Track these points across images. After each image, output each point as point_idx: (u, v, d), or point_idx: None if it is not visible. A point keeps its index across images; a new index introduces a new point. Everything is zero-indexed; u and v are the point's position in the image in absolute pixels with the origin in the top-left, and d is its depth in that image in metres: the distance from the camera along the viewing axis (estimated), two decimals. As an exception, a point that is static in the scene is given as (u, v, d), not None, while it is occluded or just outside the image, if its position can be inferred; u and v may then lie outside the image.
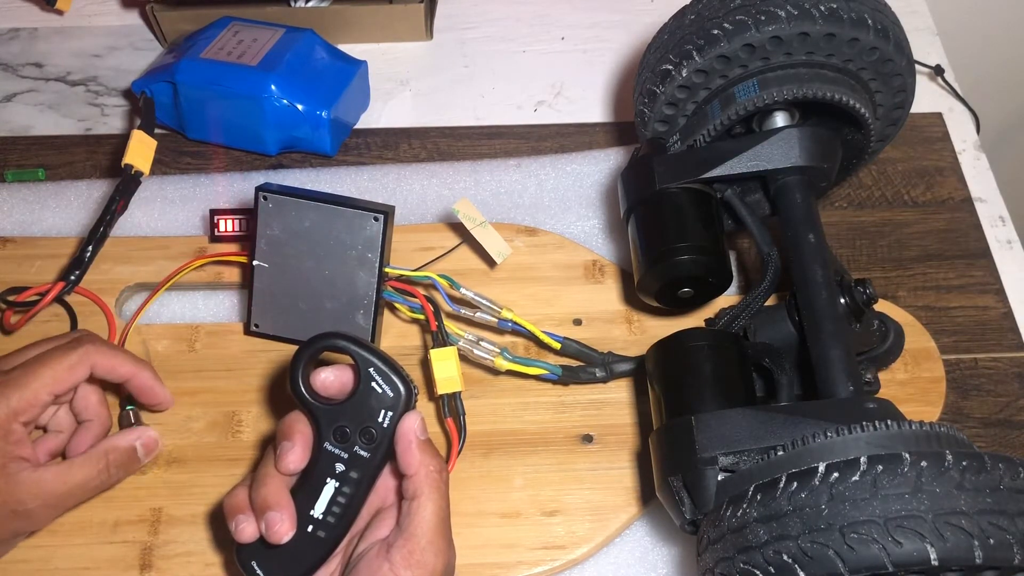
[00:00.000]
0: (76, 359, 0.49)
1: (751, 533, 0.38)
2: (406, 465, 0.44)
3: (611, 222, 0.67)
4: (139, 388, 0.53)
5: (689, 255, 0.52)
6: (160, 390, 0.54)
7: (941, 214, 0.69)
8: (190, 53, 0.69)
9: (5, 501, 0.46)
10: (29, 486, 0.46)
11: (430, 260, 0.62)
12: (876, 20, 0.51)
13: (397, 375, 0.45)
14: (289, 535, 0.44)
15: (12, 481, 0.46)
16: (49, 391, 0.48)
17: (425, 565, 0.43)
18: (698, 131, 0.55)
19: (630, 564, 0.53)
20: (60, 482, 0.48)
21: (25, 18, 0.82)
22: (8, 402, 0.46)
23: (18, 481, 0.46)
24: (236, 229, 0.62)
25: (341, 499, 0.45)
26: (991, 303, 0.64)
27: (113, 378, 0.52)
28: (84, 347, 0.49)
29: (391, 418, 0.45)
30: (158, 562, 0.52)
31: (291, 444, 0.45)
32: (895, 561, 0.34)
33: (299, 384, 0.45)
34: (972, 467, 0.36)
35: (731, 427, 0.44)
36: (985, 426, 0.59)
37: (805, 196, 0.53)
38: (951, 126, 0.74)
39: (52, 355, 0.49)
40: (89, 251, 0.59)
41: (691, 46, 0.53)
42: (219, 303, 0.63)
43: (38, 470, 0.47)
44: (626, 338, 0.60)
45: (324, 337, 0.45)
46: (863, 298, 0.51)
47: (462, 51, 0.80)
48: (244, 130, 0.69)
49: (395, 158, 0.72)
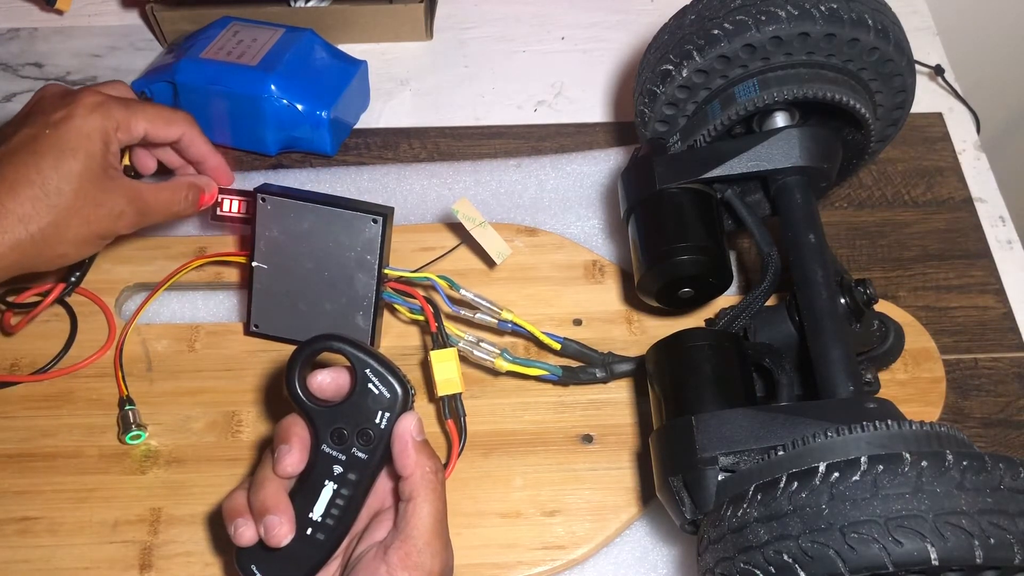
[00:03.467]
0: (176, 119, 0.55)
1: (751, 533, 0.38)
2: (402, 466, 0.44)
3: (611, 222, 0.67)
4: (212, 170, 0.59)
5: (689, 255, 0.52)
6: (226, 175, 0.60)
7: (941, 214, 0.69)
8: (190, 53, 0.69)
9: (104, 201, 0.51)
10: (127, 190, 0.52)
11: (430, 261, 0.62)
12: (876, 20, 0.51)
13: (394, 376, 0.45)
14: (288, 539, 0.44)
15: (113, 184, 0.52)
16: (143, 129, 0.53)
17: (422, 566, 0.42)
18: (698, 131, 0.55)
19: (630, 564, 0.53)
20: (151, 194, 0.54)
21: (25, 18, 0.83)
22: (113, 116, 0.51)
23: (118, 184, 0.52)
24: (240, 211, 0.59)
25: (340, 501, 0.45)
26: (991, 303, 0.64)
27: (193, 155, 0.58)
28: (185, 118, 0.56)
29: (388, 419, 0.45)
30: (158, 562, 0.52)
31: (288, 447, 0.45)
32: (895, 561, 0.34)
33: (295, 386, 0.45)
34: (972, 467, 0.36)
35: (731, 427, 0.44)
36: (985, 426, 0.59)
37: (805, 196, 0.53)
38: (951, 126, 0.74)
39: (157, 106, 0.55)
40: (89, 251, 0.59)
41: (691, 46, 0.53)
42: (219, 303, 0.63)
43: (135, 181, 0.54)
44: (626, 338, 0.60)
45: (320, 339, 0.45)
46: (863, 298, 0.51)
47: (462, 51, 0.80)
48: (244, 130, 0.69)
49: (395, 158, 0.72)
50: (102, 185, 0.51)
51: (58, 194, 0.49)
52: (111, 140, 0.52)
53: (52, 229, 0.49)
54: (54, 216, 0.49)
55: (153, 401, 0.57)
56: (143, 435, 0.56)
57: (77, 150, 0.50)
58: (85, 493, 0.54)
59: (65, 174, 0.49)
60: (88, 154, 0.50)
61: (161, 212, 0.55)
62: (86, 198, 0.50)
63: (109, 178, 0.52)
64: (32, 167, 0.49)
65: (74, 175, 0.50)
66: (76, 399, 0.58)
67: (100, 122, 0.51)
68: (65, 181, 0.49)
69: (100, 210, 0.51)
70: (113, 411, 0.57)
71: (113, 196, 0.52)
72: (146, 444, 0.56)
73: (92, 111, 0.51)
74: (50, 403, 0.57)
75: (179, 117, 0.55)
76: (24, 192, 0.48)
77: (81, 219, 0.50)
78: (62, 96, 0.52)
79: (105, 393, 0.58)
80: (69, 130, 0.50)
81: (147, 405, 0.57)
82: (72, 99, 0.51)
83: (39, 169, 0.49)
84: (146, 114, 0.53)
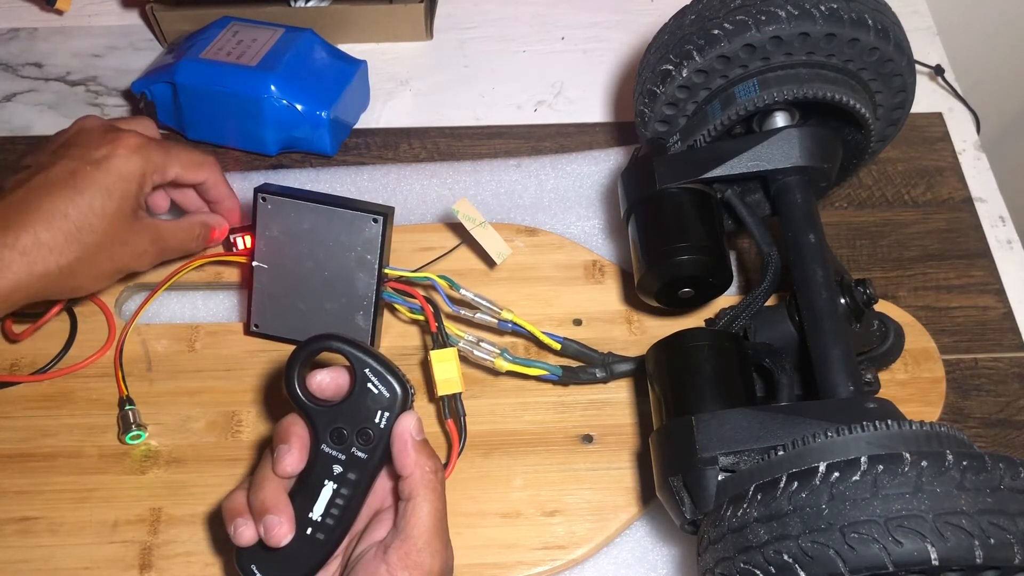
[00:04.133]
0: (205, 163, 0.57)
1: (751, 533, 0.38)
2: (402, 466, 0.44)
3: (611, 222, 0.67)
4: (227, 211, 0.60)
5: (689, 255, 0.52)
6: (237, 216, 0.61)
7: (941, 214, 0.69)
8: (190, 53, 0.68)
9: (130, 240, 0.53)
10: (151, 230, 0.54)
11: (430, 261, 0.62)
12: (876, 20, 0.51)
13: (393, 375, 0.45)
14: (288, 538, 0.44)
15: (140, 224, 0.53)
16: (176, 172, 0.55)
17: (421, 566, 0.43)
18: (698, 131, 0.55)
19: (630, 564, 0.53)
20: (170, 233, 0.56)
21: (25, 18, 0.82)
22: (152, 160, 0.53)
23: (144, 225, 0.54)
24: (251, 247, 0.58)
25: (339, 501, 0.45)
26: (991, 303, 0.64)
27: (213, 196, 0.59)
28: (211, 163, 0.57)
29: (388, 419, 0.45)
30: (158, 562, 0.52)
31: (288, 447, 0.45)
32: (896, 561, 0.34)
33: (295, 386, 0.45)
34: (972, 467, 0.36)
35: (731, 427, 0.44)
36: (985, 426, 0.59)
37: (805, 196, 0.53)
38: (951, 126, 0.74)
39: (188, 150, 0.56)
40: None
41: (691, 46, 0.53)
42: (219, 303, 0.63)
43: (156, 220, 0.56)
44: (626, 338, 0.60)
45: (319, 339, 0.45)
46: (863, 298, 0.51)
47: (462, 51, 0.80)
48: (244, 130, 0.69)
49: (395, 158, 0.72)
50: (131, 226, 0.53)
51: (91, 231, 0.50)
52: (146, 183, 0.53)
53: (79, 264, 0.50)
54: (83, 251, 0.50)
55: (153, 401, 0.57)
56: (143, 435, 0.56)
57: (114, 191, 0.51)
58: (85, 493, 0.54)
59: (100, 212, 0.51)
60: (123, 195, 0.52)
61: (177, 250, 0.57)
62: (115, 236, 0.52)
63: (138, 219, 0.53)
64: (69, 202, 0.50)
65: (108, 214, 0.51)
66: (76, 399, 0.58)
67: (140, 164, 0.52)
68: (99, 219, 0.51)
69: (125, 248, 0.53)
70: (113, 411, 0.57)
71: (139, 236, 0.53)
72: (146, 444, 0.56)
73: (134, 152, 0.52)
74: (50, 403, 0.57)
75: (207, 161, 0.57)
76: (58, 225, 0.49)
77: (107, 255, 0.52)
78: (103, 132, 0.53)
79: (105, 393, 0.58)
80: (110, 170, 0.51)
81: (147, 405, 0.57)
82: (114, 138, 0.52)
83: (76, 205, 0.50)
84: (180, 159, 0.55)
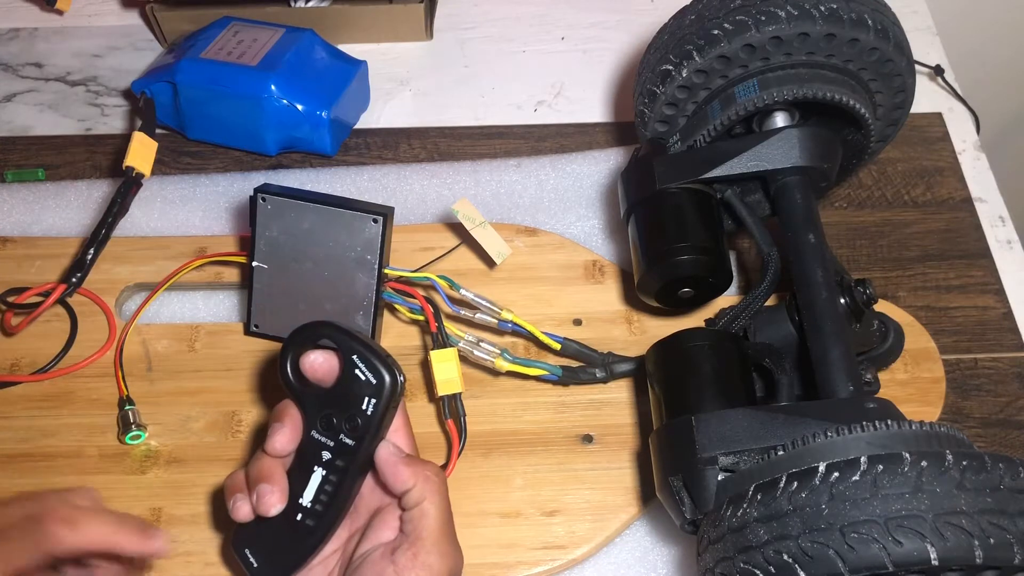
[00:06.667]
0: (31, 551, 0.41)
1: (751, 533, 0.38)
2: (401, 483, 0.44)
3: (611, 222, 0.67)
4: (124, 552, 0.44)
5: (689, 255, 0.52)
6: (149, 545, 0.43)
7: (941, 214, 0.69)
8: (190, 53, 0.68)
9: None
10: None
11: (430, 261, 0.62)
12: (876, 20, 0.51)
13: (380, 361, 0.44)
14: (279, 507, 0.44)
15: None
16: None
17: (430, 567, 0.43)
18: (698, 131, 0.55)
19: (630, 564, 0.53)
20: None
21: (25, 18, 0.82)
22: None
23: None
24: None
25: (328, 487, 0.45)
26: (991, 303, 0.64)
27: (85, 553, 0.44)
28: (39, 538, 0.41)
29: (375, 405, 0.44)
30: (158, 562, 0.52)
31: (280, 425, 0.45)
32: (895, 561, 0.34)
33: (287, 371, 0.45)
34: (972, 467, 0.36)
35: (731, 427, 0.44)
36: (985, 426, 0.59)
37: (805, 196, 0.53)
38: (951, 126, 0.74)
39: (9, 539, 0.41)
40: (91, 253, 0.59)
41: (691, 46, 0.53)
42: (219, 303, 0.63)
43: None
44: (626, 338, 0.60)
45: (309, 327, 0.45)
46: (863, 298, 0.51)
47: (462, 51, 0.80)
48: (244, 130, 0.69)
49: (395, 158, 0.72)
50: None
51: None
52: None
53: None
54: None
55: (153, 401, 0.57)
56: (143, 435, 0.56)
57: None
58: (85, 493, 0.54)
59: None
60: None
61: None
62: None
63: None
64: None
65: None
66: (76, 399, 0.58)
67: None
68: None
69: None
70: (113, 411, 0.57)
71: None
72: (146, 444, 0.56)
73: None
74: (50, 403, 0.57)
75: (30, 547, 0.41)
76: None
77: None
78: None
79: (105, 393, 0.58)
80: None
81: (147, 405, 0.57)
82: None
83: None
84: None
